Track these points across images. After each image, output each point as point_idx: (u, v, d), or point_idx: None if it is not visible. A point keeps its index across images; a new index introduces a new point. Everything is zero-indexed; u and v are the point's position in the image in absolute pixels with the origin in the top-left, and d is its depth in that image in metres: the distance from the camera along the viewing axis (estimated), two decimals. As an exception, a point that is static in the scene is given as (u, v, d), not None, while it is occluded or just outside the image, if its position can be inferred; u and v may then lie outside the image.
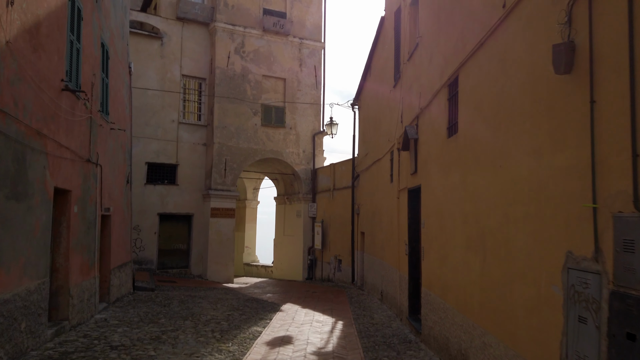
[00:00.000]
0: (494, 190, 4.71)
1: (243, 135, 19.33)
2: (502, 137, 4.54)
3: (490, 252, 4.81)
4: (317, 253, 20.28)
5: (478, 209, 5.16)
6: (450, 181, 6.23)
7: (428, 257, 7.53)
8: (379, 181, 13.25)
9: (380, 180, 13.05)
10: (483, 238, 5.00)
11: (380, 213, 12.99)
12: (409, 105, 9.14)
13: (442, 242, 6.64)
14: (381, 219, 12.81)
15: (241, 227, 26.36)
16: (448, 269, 6.31)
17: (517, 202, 4.20)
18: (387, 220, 11.85)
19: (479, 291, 5.09)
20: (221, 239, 18.77)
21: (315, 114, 20.97)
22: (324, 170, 20.27)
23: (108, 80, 10.77)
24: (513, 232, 4.26)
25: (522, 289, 4.03)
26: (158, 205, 18.34)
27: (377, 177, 13.55)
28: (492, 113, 4.79)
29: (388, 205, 11.66)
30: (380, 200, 13.00)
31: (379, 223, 13.06)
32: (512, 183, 4.30)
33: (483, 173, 5.01)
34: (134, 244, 17.77)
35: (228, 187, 18.97)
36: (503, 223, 4.48)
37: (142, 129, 18.09)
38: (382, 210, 12.63)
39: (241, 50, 19.44)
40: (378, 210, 13.27)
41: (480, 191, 5.08)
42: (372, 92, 14.64)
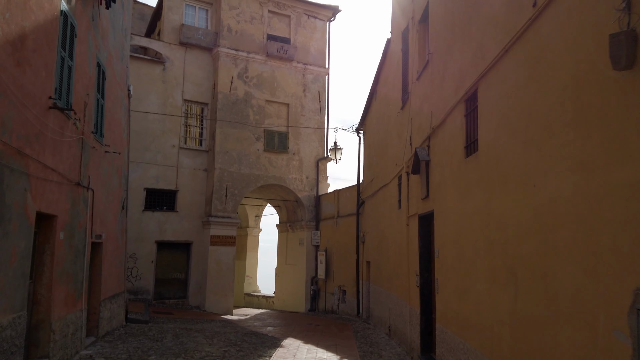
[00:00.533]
0: (527, 214, 4.06)
1: (245, 161, 18.80)
2: (535, 152, 3.92)
3: (523, 287, 4.12)
4: (320, 283, 19.43)
5: (506, 236, 4.50)
6: (469, 205, 5.59)
7: (443, 290, 6.80)
8: (385, 208, 12.59)
9: (386, 206, 12.39)
10: (513, 270, 4.31)
11: (387, 241, 12.27)
12: (419, 126, 8.57)
13: (460, 273, 5.95)
14: (388, 248, 12.09)
15: (242, 255, 25.56)
16: (468, 304, 5.59)
17: (558, 227, 3.55)
18: (394, 249, 11.13)
19: (509, 333, 4.37)
20: (221, 268, 17.99)
21: (319, 139, 20.49)
22: (327, 196, 19.63)
23: (104, 102, 10.29)
24: (554, 262, 3.59)
25: (570, 333, 3.33)
26: (156, 232, 17.66)
27: (383, 203, 12.90)
28: (521, 125, 4.19)
29: (396, 233, 10.97)
30: (387, 228, 12.31)
31: (386, 252, 12.33)
32: (550, 204, 3.66)
33: (512, 194, 4.37)
34: (130, 273, 17.02)
35: (229, 213, 18.31)
36: (540, 252, 3.82)
37: (141, 154, 17.59)
38: (389, 238, 11.92)
39: (244, 75, 19.13)
40: (385, 238, 12.56)
41: (509, 215, 4.43)
42: (377, 116, 14.14)
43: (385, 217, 12.52)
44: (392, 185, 11.60)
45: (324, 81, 20.86)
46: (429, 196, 7.69)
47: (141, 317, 13.49)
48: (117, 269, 12.37)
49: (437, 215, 7.22)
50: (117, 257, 12.25)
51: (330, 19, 21.14)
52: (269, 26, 19.91)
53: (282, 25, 20.26)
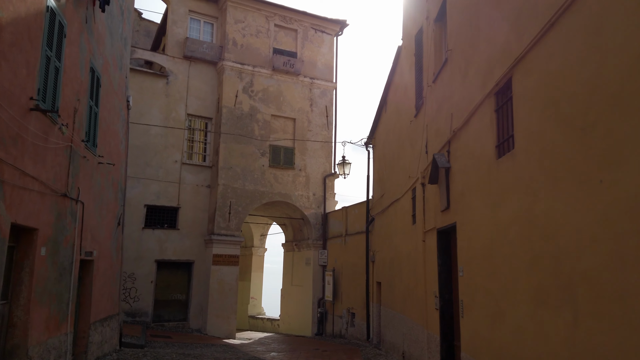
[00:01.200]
0: (590, 218, 3.22)
1: (249, 177, 18.07)
2: (600, 141, 3.12)
3: (586, 309, 3.26)
4: (327, 305, 18.42)
5: (557, 248, 3.65)
6: (504, 213, 4.76)
7: (470, 314, 5.91)
8: (397, 224, 11.73)
9: (399, 222, 11.53)
10: (570, 288, 3.45)
11: (399, 260, 11.37)
12: (436, 131, 7.80)
13: (493, 294, 5.07)
14: (401, 267, 11.18)
15: (247, 276, 24.61)
16: (505, 331, 4.70)
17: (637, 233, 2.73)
18: (409, 268, 10.23)
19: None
20: (223, 288, 17.08)
21: (326, 155, 19.75)
22: (335, 214, 18.77)
23: (98, 110, 9.63)
24: (635, 279, 2.75)
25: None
26: (156, 251, 16.84)
27: (395, 219, 12.04)
28: (579, 110, 3.39)
29: (410, 250, 10.08)
30: (399, 246, 11.42)
31: (399, 271, 11.41)
32: (626, 204, 2.84)
33: (565, 196, 3.54)
34: (128, 294, 16.15)
35: (232, 231, 17.49)
36: (612, 266, 2.98)
37: (142, 169, 16.92)
38: (402, 256, 11.02)
39: (250, 89, 18.56)
40: (397, 256, 11.66)
41: (562, 222, 3.59)
42: (388, 128, 13.40)
43: (398, 234, 11.65)
44: (405, 199, 10.77)
45: (332, 96, 20.24)
46: (450, 208, 6.85)
47: (137, 341, 12.57)
48: (111, 289, 11.53)
49: (460, 228, 6.37)
50: (110, 277, 11.42)
51: (337, 34, 20.64)
52: (275, 40, 19.42)
53: (289, 39, 19.77)
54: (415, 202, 9.60)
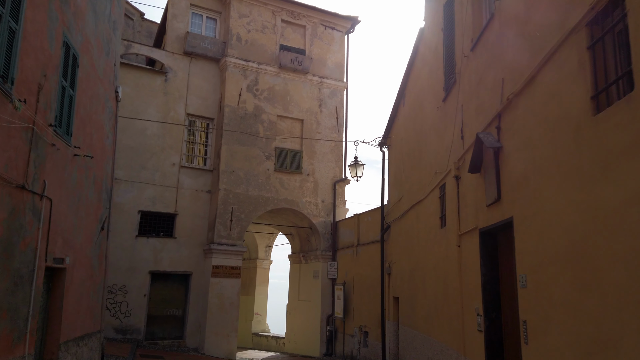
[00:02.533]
0: None
1: (253, 182, 16.56)
2: None
3: None
4: (337, 323, 16.70)
5: None
6: (611, 192, 3.19)
7: (542, 341, 4.27)
8: (420, 229, 10.12)
9: (422, 227, 9.92)
10: None
11: (422, 271, 9.74)
12: (477, 108, 6.26)
13: (589, 312, 3.47)
14: (425, 280, 9.54)
15: (250, 290, 22.95)
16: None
17: None
18: (435, 281, 8.60)
19: None
20: (223, 303, 15.45)
21: (336, 159, 18.22)
22: (346, 222, 17.16)
23: (74, 94, 8.19)
24: None
25: None
26: (150, 261, 15.30)
27: (416, 225, 10.44)
28: None
29: (438, 259, 8.47)
30: (422, 254, 9.80)
31: (422, 285, 9.77)
32: None
33: None
34: (118, 309, 14.57)
35: (234, 240, 15.93)
36: None
37: (137, 172, 15.49)
38: (426, 267, 9.39)
39: (254, 88, 17.17)
40: (419, 267, 10.03)
41: None
42: (407, 123, 11.88)
43: (420, 242, 10.03)
44: (431, 200, 9.18)
45: (342, 96, 18.79)
46: (502, 199, 5.27)
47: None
48: (91, 303, 9.96)
49: (520, 224, 4.78)
50: (90, 288, 9.86)
51: (348, 31, 19.28)
52: (282, 36, 18.09)
53: (297, 36, 18.43)
54: (446, 200, 8.00)
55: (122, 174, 15.17)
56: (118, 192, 15.03)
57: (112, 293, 14.49)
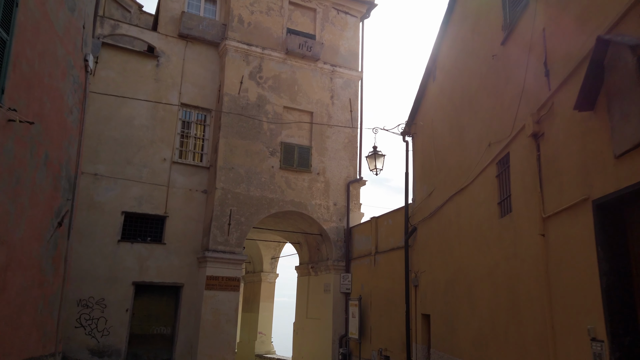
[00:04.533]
0: None
1: (255, 180, 14.36)
2: None
3: None
4: (352, 344, 14.24)
5: None
6: None
7: None
8: (462, 227, 7.80)
9: (465, 223, 7.61)
10: None
11: (468, 280, 7.39)
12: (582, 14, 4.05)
13: None
14: (472, 291, 7.19)
15: (254, 306, 20.56)
16: None
17: None
18: (492, 291, 6.26)
19: None
20: (219, 320, 13.10)
21: (350, 157, 15.99)
22: (362, 228, 14.82)
23: (10, 40, 6.13)
24: None
25: None
26: (135, 271, 13.05)
27: (457, 220, 8.12)
28: None
29: (495, 261, 6.14)
30: (467, 258, 7.46)
31: (467, 298, 7.41)
32: None
33: None
34: (95, 326, 12.28)
35: (232, 247, 13.66)
36: None
37: (121, 167, 13.36)
38: (476, 273, 7.05)
39: (257, 75, 15.10)
40: (463, 275, 7.68)
41: None
42: (440, 97, 9.64)
43: (463, 242, 7.70)
44: (480, 184, 6.89)
45: (357, 87, 16.65)
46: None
47: (83, 395, 8.67)
48: (38, 318, 7.71)
49: None
50: (37, 299, 7.60)
51: (364, 16, 17.24)
52: (290, 20, 16.08)
53: (306, 19, 16.42)
54: (510, 177, 5.70)
55: (103, 169, 13.07)
56: (98, 190, 12.91)
57: (88, 307, 12.24)
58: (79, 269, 12.25)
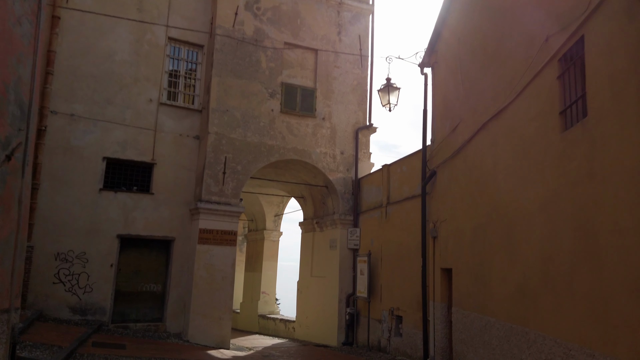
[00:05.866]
0: None
1: (253, 125, 12.80)
2: None
3: None
4: (360, 304, 12.99)
5: None
6: None
7: None
8: (499, 157, 6.24)
9: (505, 151, 6.04)
10: None
11: (505, 223, 5.89)
12: None
13: None
14: (511, 236, 5.70)
15: (257, 266, 19.39)
16: None
17: None
18: (544, 232, 4.77)
19: None
20: (214, 278, 11.84)
21: (359, 101, 14.31)
22: (371, 178, 13.31)
23: None
24: None
25: None
26: (119, 222, 11.72)
27: (491, 152, 6.56)
28: None
29: (553, 189, 4.64)
30: (504, 196, 5.94)
31: (504, 245, 5.93)
32: None
33: None
34: (76, 282, 11.05)
35: (227, 198, 12.25)
36: None
37: (101, 108, 11.83)
38: (517, 213, 5.55)
39: (255, 6, 13.27)
40: (497, 218, 6.19)
41: None
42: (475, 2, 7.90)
43: (500, 176, 6.17)
44: (530, 95, 5.26)
45: (367, 23, 14.76)
46: None
47: (48, 355, 7.44)
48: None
49: None
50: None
51: (374, -59, 15.19)
52: (291, -56, 14.10)
53: (309, -56, 14.41)
54: (585, 69, 4.10)
55: (80, 110, 11.56)
56: (75, 133, 11.45)
57: (67, 262, 10.99)
58: (56, 220, 10.95)
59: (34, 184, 10.67)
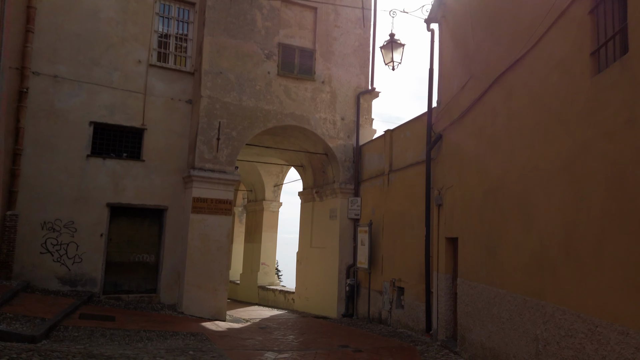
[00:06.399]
0: None
1: (248, 88, 12.09)
2: None
3: None
4: (360, 275, 12.55)
5: None
6: None
7: None
8: (514, 113, 5.58)
9: (519, 107, 5.37)
10: None
11: (520, 186, 5.29)
12: None
13: None
14: (527, 200, 5.09)
15: (256, 237, 18.98)
16: None
17: None
18: (567, 194, 4.18)
19: None
20: (208, 248, 11.38)
21: (361, 64, 13.52)
22: (373, 145, 12.66)
23: None
24: None
25: None
26: (109, 190, 11.20)
27: (505, 107, 5.89)
28: None
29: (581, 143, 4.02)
30: (520, 155, 5.32)
31: (518, 210, 5.34)
32: None
33: None
34: (64, 252, 10.61)
35: (222, 166, 11.67)
36: None
37: (87, 70, 11.13)
38: (534, 174, 4.95)
39: (249, -40, 12.37)
40: (511, 181, 5.58)
41: None
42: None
43: (515, 133, 5.53)
44: (556, 36, 4.57)
45: (369, -21, 13.84)
46: None
47: (29, 329, 7.02)
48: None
49: None
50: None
51: None
52: None
53: None
54: None
55: (64, 71, 10.87)
56: (59, 95, 10.79)
57: (54, 231, 10.52)
58: (41, 187, 10.42)
59: (16, 149, 10.13)
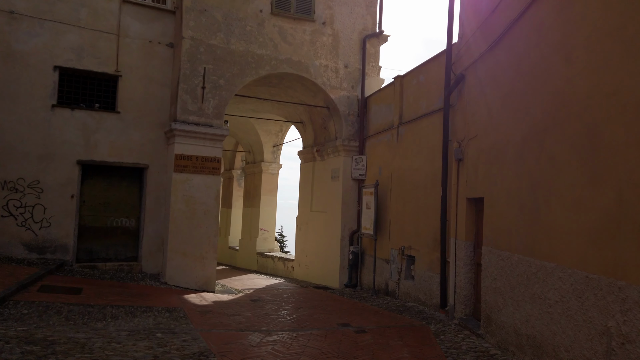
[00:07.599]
0: None
1: (238, 29, 10.47)
2: None
3: None
4: (365, 242, 11.25)
5: None
6: None
7: None
8: (576, 28, 4.06)
9: (589, 16, 3.86)
10: None
11: (580, 124, 3.83)
12: None
13: None
14: (596, 139, 3.64)
15: (255, 201, 17.71)
16: None
17: None
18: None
19: None
20: (194, 211, 10.07)
21: (367, 2, 11.78)
22: (381, 95, 11.09)
23: None
24: None
25: None
26: (79, 146, 9.82)
27: (559, 19, 4.37)
28: None
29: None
30: (583, 81, 3.83)
31: (578, 156, 3.91)
32: None
33: None
34: (30, 215, 9.35)
35: (209, 119, 10.21)
36: None
37: (48, 5, 9.54)
38: (609, 103, 3.49)
39: None
40: (568, 117, 4.09)
41: None
42: None
43: (575, 53, 4.01)
44: None
45: None
46: None
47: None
48: None
49: None
50: None
51: None
52: None
53: None
54: None
55: (22, 6, 9.29)
56: (17, 35, 9.26)
57: (17, 192, 9.22)
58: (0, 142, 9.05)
59: (-34, 97, 8.69)
